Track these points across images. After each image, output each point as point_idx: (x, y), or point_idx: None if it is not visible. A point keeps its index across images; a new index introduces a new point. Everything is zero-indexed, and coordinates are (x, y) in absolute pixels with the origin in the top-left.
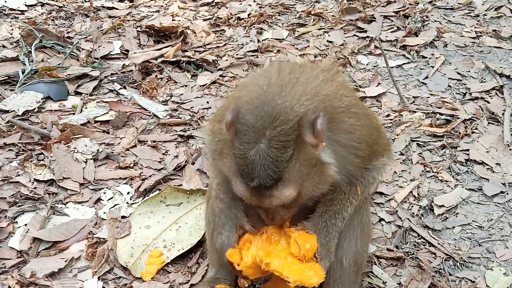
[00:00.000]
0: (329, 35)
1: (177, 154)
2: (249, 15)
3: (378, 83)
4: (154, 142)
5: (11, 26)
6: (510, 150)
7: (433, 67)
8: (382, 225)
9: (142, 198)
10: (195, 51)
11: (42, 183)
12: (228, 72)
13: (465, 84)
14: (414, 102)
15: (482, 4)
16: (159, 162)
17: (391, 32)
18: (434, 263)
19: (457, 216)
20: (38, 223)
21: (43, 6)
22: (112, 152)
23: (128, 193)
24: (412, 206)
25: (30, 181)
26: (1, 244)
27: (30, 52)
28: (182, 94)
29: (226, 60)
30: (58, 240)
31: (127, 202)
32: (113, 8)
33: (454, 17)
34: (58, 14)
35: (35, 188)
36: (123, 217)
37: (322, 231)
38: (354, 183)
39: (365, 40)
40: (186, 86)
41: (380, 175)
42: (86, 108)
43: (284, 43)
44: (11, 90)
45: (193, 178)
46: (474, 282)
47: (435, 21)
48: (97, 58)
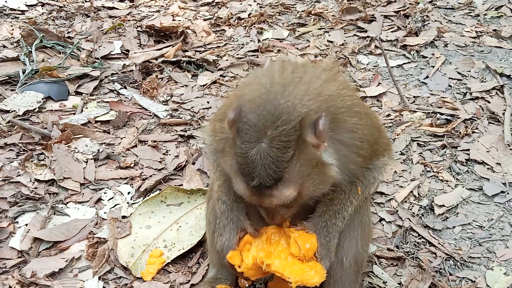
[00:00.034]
0: (329, 35)
1: (177, 154)
2: (249, 15)
3: (379, 83)
4: (155, 142)
5: (12, 26)
6: (511, 150)
7: (433, 67)
8: (383, 225)
9: (143, 198)
10: (196, 51)
11: (42, 183)
12: (228, 72)
13: (465, 84)
14: (414, 102)
15: (483, 3)
16: (160, 162)
17: (392, 31)
18: (435, 263)
19: (457, 216)
20: (38, 223)
21: (44, 6)
22: (112, 152)
23: (128, 193)
24: (412, 206)
25: (30, 181)
26: (1, 244)
27: (30, 52)
28: (182, 94)
29: (227, 60)
30: (59, 240)
31: (128, 202)
32: (113, 8)
33: (454, 16)
34: (59, 14)
35: (36, 188)
36: (124, 217)
37: (322, 231)
38: (354, 183)
39: (365, 40)
40: (186, 86)
41: (380, 175)
42: (86, 108)
43: (284, 43)
44: (12, 90)
45: (193, 178)
46: (474, 282)
47: (436, 20)
48: (97, 58)
